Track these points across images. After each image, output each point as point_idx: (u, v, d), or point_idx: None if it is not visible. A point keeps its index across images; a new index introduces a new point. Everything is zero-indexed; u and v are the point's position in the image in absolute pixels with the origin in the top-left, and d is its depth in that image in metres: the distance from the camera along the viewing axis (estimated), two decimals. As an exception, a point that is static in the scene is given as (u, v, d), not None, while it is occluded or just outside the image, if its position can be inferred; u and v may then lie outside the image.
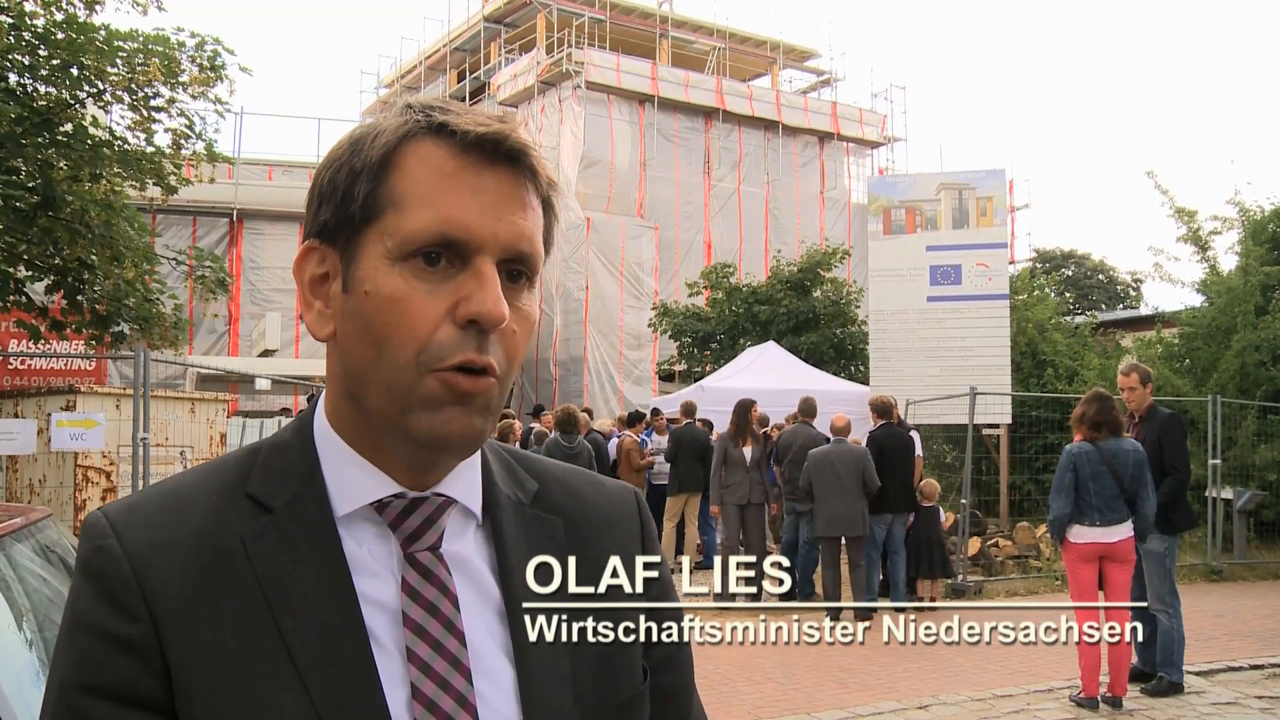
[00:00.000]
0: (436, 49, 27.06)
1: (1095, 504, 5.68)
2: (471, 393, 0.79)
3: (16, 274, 8.98)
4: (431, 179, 0.80)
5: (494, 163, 0.81)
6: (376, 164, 0.81)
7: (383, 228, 0.80)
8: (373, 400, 0.81)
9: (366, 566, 0.82)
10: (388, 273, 0.79)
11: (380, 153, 0.81)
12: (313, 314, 0.85)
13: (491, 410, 0.82)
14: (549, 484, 0.95)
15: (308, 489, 0.84)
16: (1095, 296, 35.89)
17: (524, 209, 0.82)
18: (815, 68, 28.33)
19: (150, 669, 0.76)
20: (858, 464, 8.39)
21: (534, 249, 0.83)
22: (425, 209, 0.79)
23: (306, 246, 0.85)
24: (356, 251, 0.81)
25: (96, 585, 0.79)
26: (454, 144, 0.80)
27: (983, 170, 13.35)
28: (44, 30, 8.36)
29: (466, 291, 0.79)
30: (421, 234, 0.78)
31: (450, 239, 0.79)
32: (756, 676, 6.62)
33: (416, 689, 0.79)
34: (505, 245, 0.80)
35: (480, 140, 0.80)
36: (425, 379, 0.79)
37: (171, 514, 0.82)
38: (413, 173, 0.80)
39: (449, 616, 0.82)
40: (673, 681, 0.97)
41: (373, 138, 0.82)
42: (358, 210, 0.81)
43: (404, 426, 0.80)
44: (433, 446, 0.81)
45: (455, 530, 0.87)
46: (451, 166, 0.80)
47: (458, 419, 0.79)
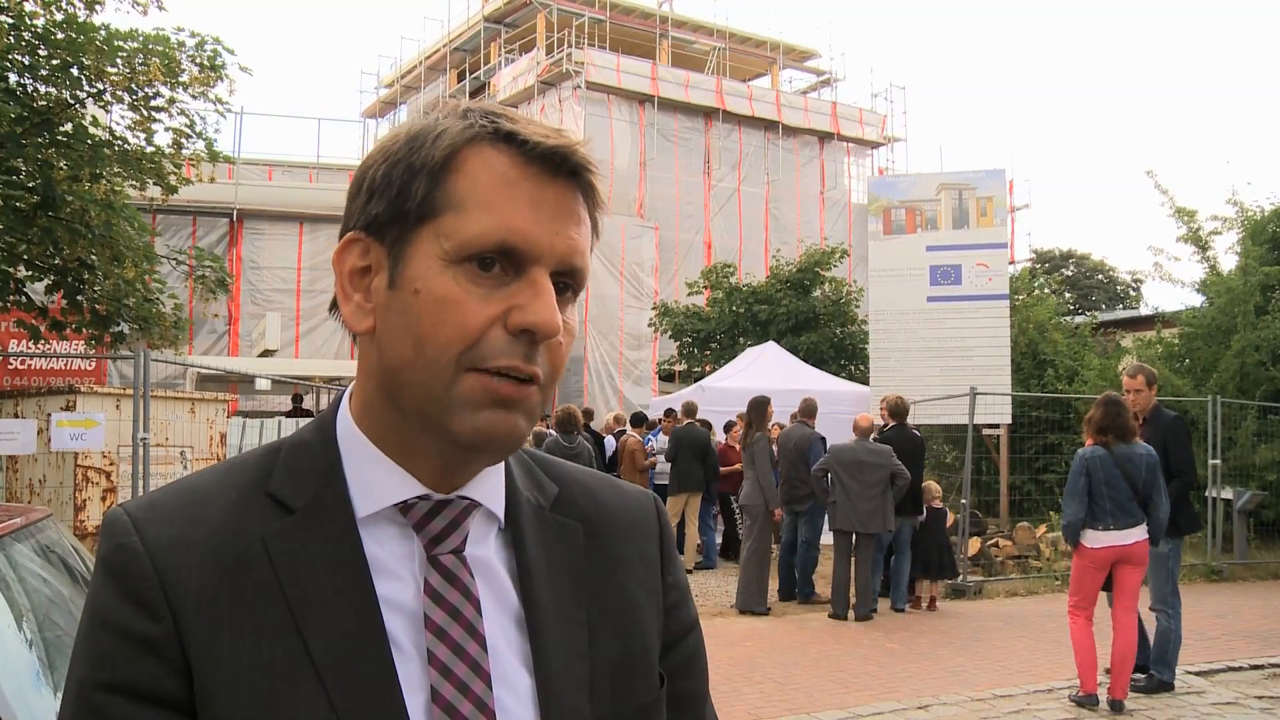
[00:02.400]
0: (436, 49, 27.06)
1: (1108, 508, 5.68)
2: (515, 398, 0.79)
3: (16, 274, 8.97)
4: (494, 185, 0.79)
5: (555, 176, 0.81)
6: (439, 164, 0.80)
7: (439, 228, 0.79)
8: (409, 399, 0.80)
9: (387, 568, 0.82)
10: (440, 274, 0.79)
11: (443, 153, 0.80)
12: (351, 306, 0.84)
13: (534, 415, 0.82)
14: (569, 488, 0.95)
15: (329, 489, 0.83)
16: (1095, 296, 35.89)
17: (579, 224, 0.83)
18: (815, 68, 28.35)
19: (171, 667, 0.76)
20: (886, 462, 8.43)
21: (585, 264, 0.83)
22: (487, 215, 0.78)
23: (350, 238, 0.84)
24: (407, 249, 0.80)
25: (118, 583, 0.78)
26: (519, 153, 0.80)
27: (983, 170, 13.36)
28: (44, 30, 8.34)
29: (522, 300, 0.79)
30: (481, 239, 0.78)
31: (509, 247, 0.78)
32: (756, 676, 6.62)
33: (436, 692, 0.79)
34: (560, 258, 0.80)
35: (547, 153, 0.80)
36: (464, 378, 0.78)
37: (192, 512, 0.82)
38: (475, 176, 0.79)
39: (471, 620, 0.82)
40: (688, 687, 0.96)
41: (434, 136, 0.81)
42: (414, 207, 0.80)
43: (444, 426, 0.79)
44: (474, 447, 0.80)
45: (478, 534, 0.86)
46: (515, 175, 0.80)
47: (501, 420, 0.79)
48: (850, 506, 8.45)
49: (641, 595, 0.93)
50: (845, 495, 8.46)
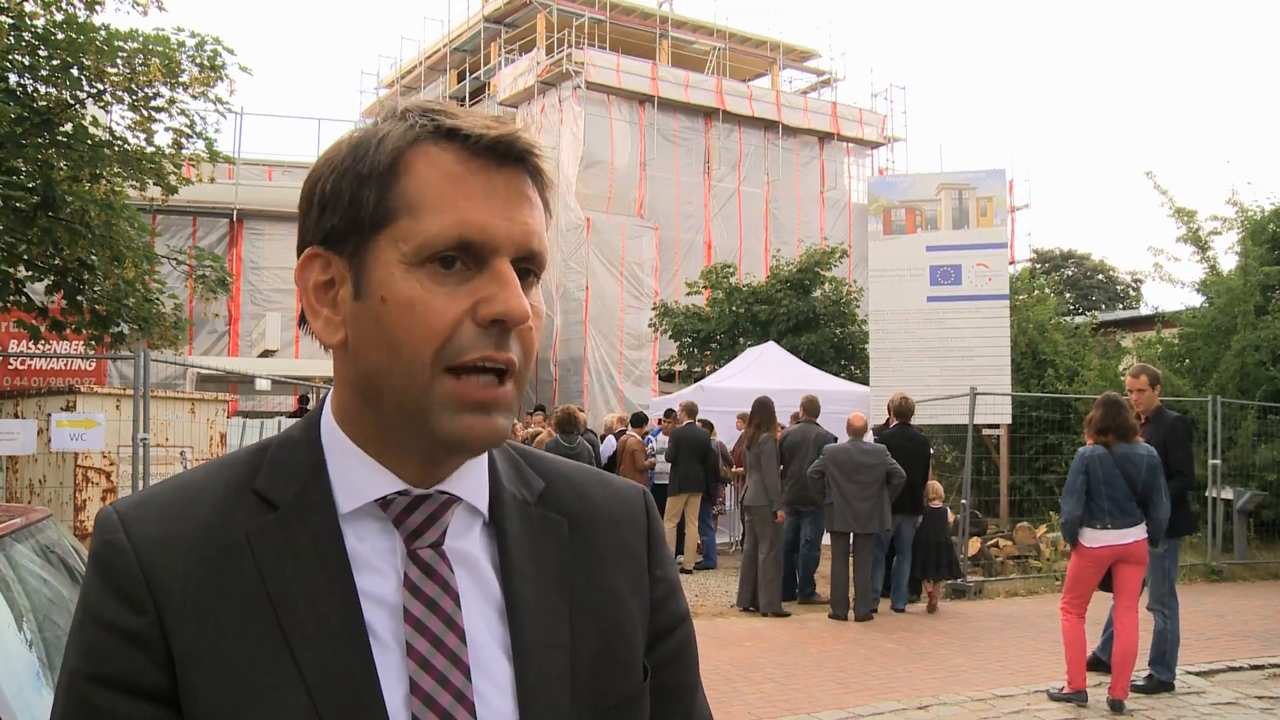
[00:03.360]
0: (436, 49, 27.06)
1: (1107, 507, 5.67)
2: (489, 401, 0.80)
3: (16, 274, 8.97)
4: (444, 182, 0.80)
5: (502, 164, 0.82)
6: (385, 169, 0.80)
7: (396, 233, 0.80)
8: (390, 402, 0.81)
9: (368, 562, 0.83)
10: (404, 278, 0.79)
11: (389, 158, 0.81)
12: (320, 321, 0.84)
13: (510, 412, 0.83)
14: (555, 483, 0.95)
15: (313, 486, 0.84)
16: (1095, 297, 35.91)
17: (532, 207, 0.83)
18: (815, 68, 28.33)
19: (154, 660, 0.78)
20: (880, 461, 8.43)
21: (542, 246, 0.84)
22: (441, 213, 0.79)
23: (309, 254, 0.84)
24: (367, 258, 0.81)
25: (105, 578, 0.81)
26: (463, 147, 0.81)
27: (983, 170, 13.36)
28: (44, 30, 8.34)
29: (488, 293, 0.79)
30: (439, 238, 0.79)
31: (468, 241, 0.79)
32: (756, 676, 6.62)
33: (415, 684, 0.80)
34: (519, 244, 0.81)
35: (492, 144, 0.81)
36: (442, 380, 0.79)
37: (180, 509, 0.84)
38: (424, 177, 0.80)
39: (449, 613, 0.83)
40: (677, 680, 0.97)
41: (376, 143, 0.82)
42: (368, 215, 0.81)
43: (425, 426, 0.80)
44: (456, 448, 0.82)
45: (460, 528, 0.87)
46: (462, 170, 0.80)
47: (479, 423, 0.80)
48: (847, 507, 8.45)
49: (626, 589, 0.93)
50: (842, 496, 8.47)
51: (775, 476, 8.85)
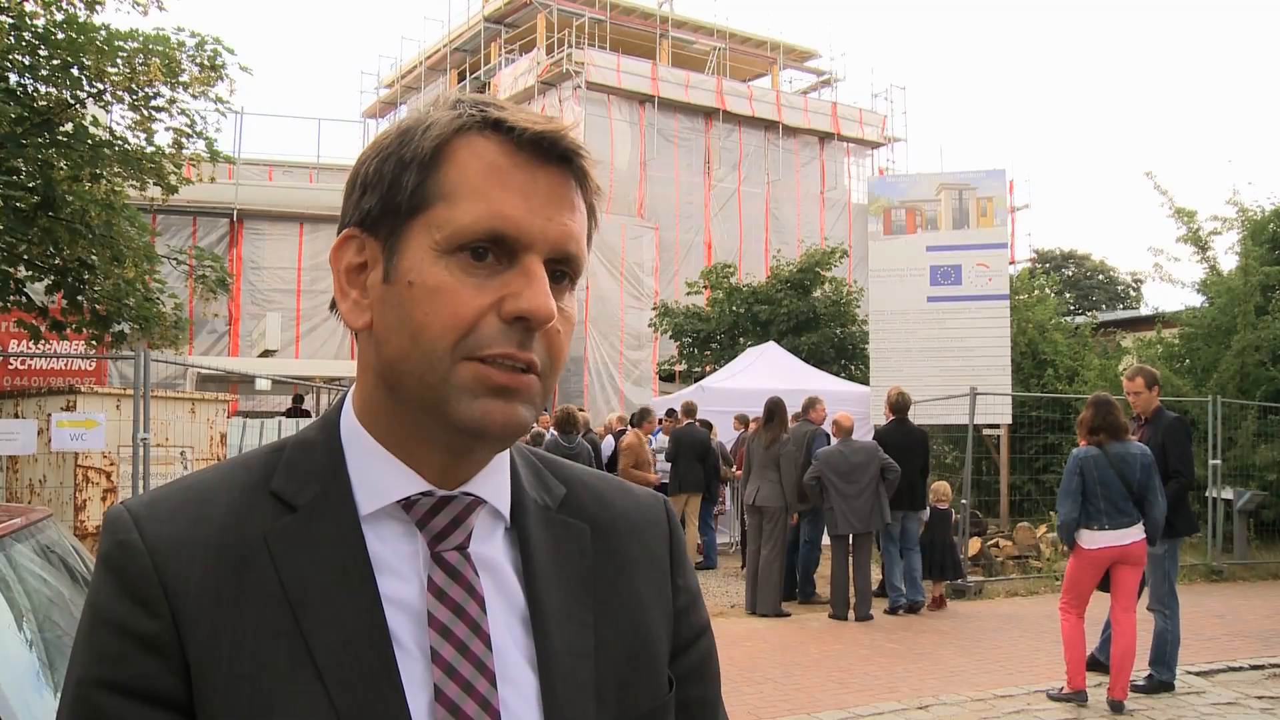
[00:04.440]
0: (437, 49, 27.06)
1: (1103, 508, 5.66)
2: (511, 386, 0.79)
3: (16, 274, 8.95)
4: (484, 174, 0.79)
5: (546, 162, 0.81)
6: (428, 155, 0.80)
7: (430, 220, 0.79)
8: (409, 390, 0.80)
9: (390, 566, 0.81)
10: (434, 265, 0.78)
11: (432, 144, 0.80)
12: (348, 303, 0.83)
13: (534, 404, 0.81)
14: (577, 489, 0.94)
15: (332, 487, 0.82)
16: (1095, 297, 35.92)
17: (572, 210, 0.82)
18: (815, 68, 28.35)
19: (169, 666, 0.75)
20: (873, 459, 8.44)
21: (580, 250, 0.83)
22: (477, 203, 0.78)
23: (345, 235, 0.84)
24: (400, 242, 0.80)
25: (118, 580, 0.78)
26: (507, 140, 0.80)
27: (983, 170, 13.36)
28: (44, 30, 8.33)
29: (515, 288, 0.78)
30: (472, 228, 0.78)
31: (500, 235, 0.78)
32: (756, 676, 6.62)
33: (440, 691, 0.78)
34: (554, 245, 0.80)
35: (536, 138, 0.80)
36: (460, 366, 0.78)
37: (194, 510, 0.81)
38: (465, 166, 0.79)
39: (475, 618, 0.80)
40: (699, 693, 0.95)
41: (423, 129, 0.81)
42: (405, 200, 0.80)
43: (445, 414, 0.79)
44: (475, 434, 0.79)
45: (483, 532, 0.85)
46: (504, 163, 0.79)
47: (500, 409, 0.78)
48: (846, 509, 8.45)
49: (650, 598, 0.92)
50: (840, 499, 8.47)
51: (795, 478, 8.86)
